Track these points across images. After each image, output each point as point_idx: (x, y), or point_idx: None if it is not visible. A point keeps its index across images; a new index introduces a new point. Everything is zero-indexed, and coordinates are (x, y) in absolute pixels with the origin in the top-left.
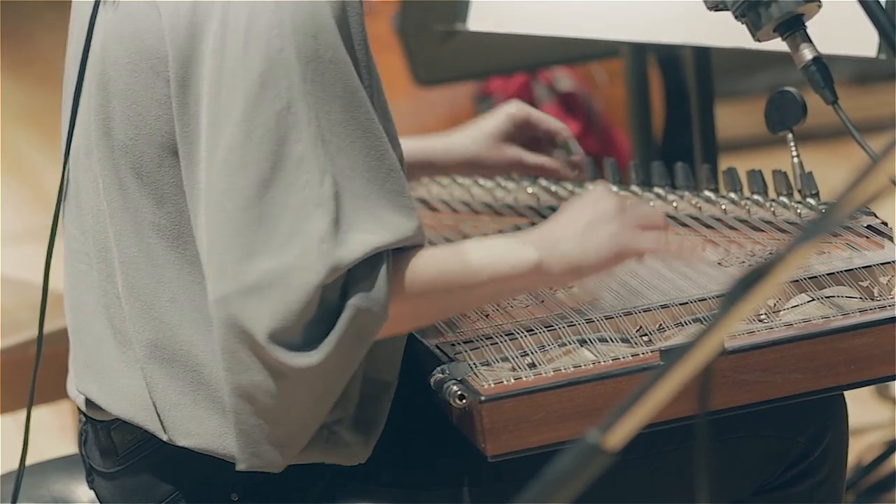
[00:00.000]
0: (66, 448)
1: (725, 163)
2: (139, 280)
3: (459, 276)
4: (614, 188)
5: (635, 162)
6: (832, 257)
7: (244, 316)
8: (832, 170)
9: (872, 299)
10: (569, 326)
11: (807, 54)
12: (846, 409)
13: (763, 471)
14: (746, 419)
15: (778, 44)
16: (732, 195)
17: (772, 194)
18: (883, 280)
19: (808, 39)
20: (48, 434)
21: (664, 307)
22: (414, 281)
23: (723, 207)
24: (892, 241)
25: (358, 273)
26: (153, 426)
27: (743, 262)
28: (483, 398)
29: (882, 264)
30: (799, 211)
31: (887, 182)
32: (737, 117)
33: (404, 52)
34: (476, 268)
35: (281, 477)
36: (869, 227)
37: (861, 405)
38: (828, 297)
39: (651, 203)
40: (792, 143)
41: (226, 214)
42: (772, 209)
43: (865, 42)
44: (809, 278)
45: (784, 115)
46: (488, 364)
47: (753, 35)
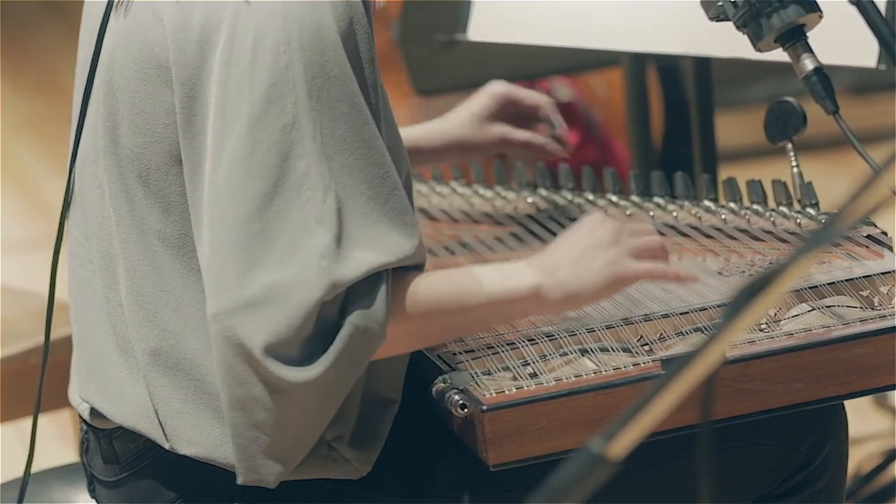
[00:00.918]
0: (67, 457)
1: (725, 173)
2: (144, 288)
3: (458, 299)
4: (622, 203)
5: (635, 172)
6: (832, 267)
7: (241, 329)
8: (832, 180)
9: (872, 309)
10: (570, 336)
11: (808, 64)
12: (846, 419)
13: (763, 480)
14: (747, 428)
15: (777, 54)
16: (732, 205)
17: (771, 204)
18: (883, 290)
19: (809, 50)
20: (48, 443)
21: (665, 317)
22: (414, 302)
23: (723, 217)
24: (892, 251)
25: (358, 291)
26: (155, 434)
27: (743, 272)
28: (485, 407)
29: (882, 274)
30: (799, 221)
31: (888, 193)
32: (736, 127)
33: (404, 62)
34: (475, 291)
35: (283, 485)
36: (869, 237)
37: (860, 415)
38: (828, 307)
39: (651, 213)
40: (792, 154)
41: (227, 227)
42: (772, 219)
43: (865, 52)
44: (810, 288)
45: (784, 125)
46: (490, 373)
47: (755, 45)
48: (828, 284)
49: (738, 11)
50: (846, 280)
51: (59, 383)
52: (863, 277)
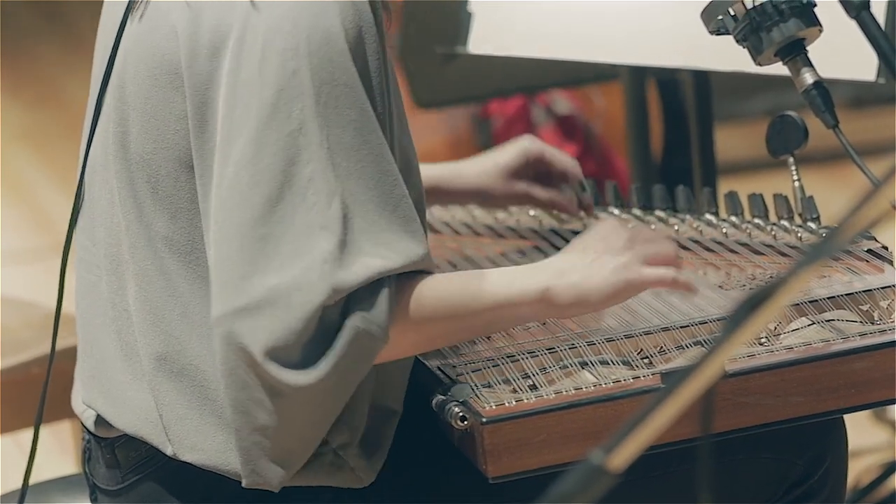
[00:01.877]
0: (67, 468)
1: (724, 186)
2: (151, 293)
3: (466, 302)
4: (624, 217)
5: (637, 185)
6: (832, 281)
7: (242, 333)
8: (832, 193)
9: (872, 323)
10: (570, 349)
11: (808, 78)
12: (846, 433)
13: (763, 493)
14: (746, 442)
15: (777, 67)
16: (733, 219)
17: (773, 218)
18: (883, 304)
19: (809, 63)
20: (48, 454)
21: (665, 330)
22: (420, 305)
23: (724, 231)
24: (892, 266)
25: (360, 295)
26: (159, 440)
27: (744, 286)
28: (485, 420)
29: (882, 288)
30: (800, 235)
31: (888, 207)
32: (736, 140)
33: (404, 75)
34: (483, 294)
35: (286, 492)
36: (869, 252)
37: (860, 428)
38: (828, 321)
39: (652, 226)
40: (793, 167)
41: (232, 231)
42: (772, 233)
43: (865, 66)
44: (810, 302)
45: (786, 139)
46: (490, 386)
47: (755, 59)
48: (828, 298)
49: (739, 25)
50: (846, 294)
51: (60, 394)
52: (863, 292)
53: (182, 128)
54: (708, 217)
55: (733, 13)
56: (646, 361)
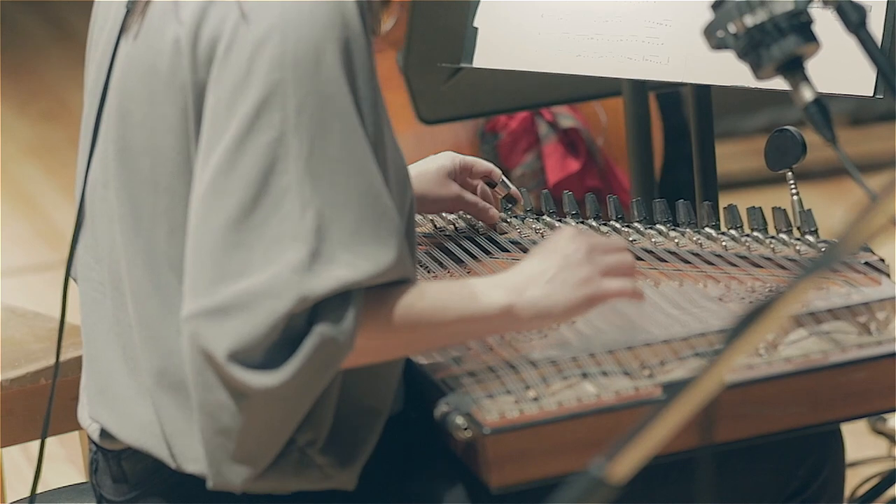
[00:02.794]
0: (74, 478)
1: (725, 200)
2: (149, 309)
3: (428, 315)
4: (583, 227)
5: (637, 199)
6: (830, 293)
7: (207, 335)
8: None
9: (870, 335)
10: (571, 360)
11: (807, 94)
12: (843, 443)
13: (761, 503)
14: (744, 452)
15: (777, 82)
16: (733, 232)
17: (771, 231)
18: (880, 316)
19: (808, 79)
20: (57, 463)
21: (666, 342)
22: (387, 315)
23: (723, 244)
24: (890, 278)
25: (328, 304)
26: (162, 453)
27: (743, 298)
28: (487, 430)
29: (879, 300)
30: (798, 248)
31: (887, 221)
32: (736, 155)
33: (408, 90)
34: (447, 308)
35: (283, 500)
36: (866, 264)
37: (857, 439)
38: (826, 333)
39: (652, 240)
40: (791, 182)
41: (206, 235)
42: (771, 246)
43: (863, 81)
44: (808, 314)
45: (784, 154)
46: (492, 396)
47: (755, 74)
48: (826, 310)
49: (739, 42)
50: (844, 306)
51: (66, 405)
52: (860, 304)
53: (178, 143)
54: (708, 230)
55: (734, 30)
56: (647, 373)
